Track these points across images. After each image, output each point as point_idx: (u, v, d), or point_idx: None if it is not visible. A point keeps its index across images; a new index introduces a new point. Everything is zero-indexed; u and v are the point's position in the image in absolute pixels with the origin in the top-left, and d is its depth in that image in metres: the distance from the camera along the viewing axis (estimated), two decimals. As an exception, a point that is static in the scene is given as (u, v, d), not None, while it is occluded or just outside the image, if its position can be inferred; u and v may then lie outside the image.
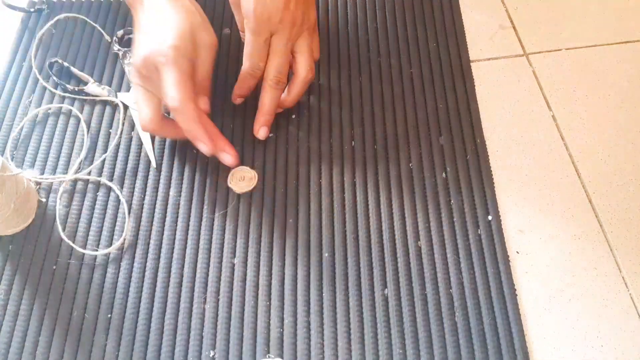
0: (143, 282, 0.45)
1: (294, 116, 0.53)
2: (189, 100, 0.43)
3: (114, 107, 0.54)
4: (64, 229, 0.47)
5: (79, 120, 0.53)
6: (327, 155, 0.51)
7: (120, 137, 0.52)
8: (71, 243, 0.46)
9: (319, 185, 0.49)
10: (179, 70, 0.43)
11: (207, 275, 0.45)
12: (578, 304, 0.44)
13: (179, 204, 0.48)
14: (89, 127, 0.52)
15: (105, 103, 0.54)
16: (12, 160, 0.50)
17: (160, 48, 0.43)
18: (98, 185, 0.49)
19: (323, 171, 0.50)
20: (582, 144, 0.53)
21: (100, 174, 0.50)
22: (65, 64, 0.56)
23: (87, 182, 0.49)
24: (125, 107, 0.53)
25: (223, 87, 0.55)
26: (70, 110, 0.53)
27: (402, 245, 0.46)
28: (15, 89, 0.55)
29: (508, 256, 0.46)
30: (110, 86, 0.54)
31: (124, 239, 0.46)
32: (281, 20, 0.45)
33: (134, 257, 0.46)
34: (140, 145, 0.51)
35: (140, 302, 0.44)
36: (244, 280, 0.45)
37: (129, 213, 0.48)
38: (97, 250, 0.46)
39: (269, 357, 0.42)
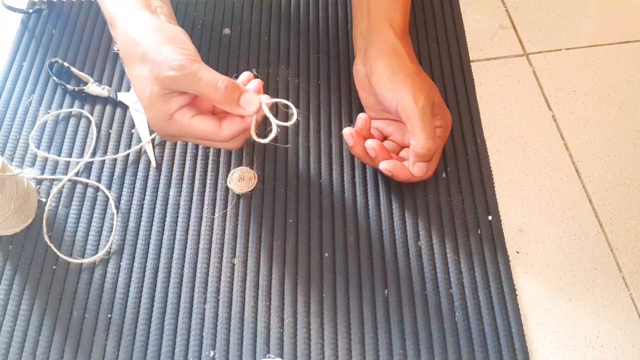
0: (143, 282, 0.45)
1: (294, 116, 0.53)
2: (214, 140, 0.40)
3: (114, 107, 0.54)
4: (63, 229, 0.47)
5: (78, 120, 0.53)
6: (327, 155, 0.51)
7: (120, 136, 0.52)
8: (71, 243, 0.46)
9: (319, 185, 0.49)
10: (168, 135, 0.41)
11: (207, 275, 0.45)
12: (578, 304, 0.44)
13: (179, 204, 0.48)
14: (89, 127, 0.52)
15: (105, 103, 0.54)
16: (12, 160, 0.50)
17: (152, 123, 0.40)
18: (98, 184, 0.49)
19: (323, 171, 0.50)
20: (582, 144, 0.53)
21: (100, 173, 0.50)
22: (65, 64, 0.56)
23: (87, 181, 0.49)
24: (126, 107, 0.53)
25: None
26: (70, 111, 0.53)
27: (402, 245, 0.46)
28: (15, 90, 0.55)
29: (508, 256, 0.46)
30: (110, 86, 0.54)
31: (124, 239, 0.46)
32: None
33: (134, 257, 0.46)
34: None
35: (140, 302, 0.44)
36: (244, 280, 0.45)
37: (129, 213, 0.48)
38: (96, 251, 0.46)
39: (269, 357, 0.42)
